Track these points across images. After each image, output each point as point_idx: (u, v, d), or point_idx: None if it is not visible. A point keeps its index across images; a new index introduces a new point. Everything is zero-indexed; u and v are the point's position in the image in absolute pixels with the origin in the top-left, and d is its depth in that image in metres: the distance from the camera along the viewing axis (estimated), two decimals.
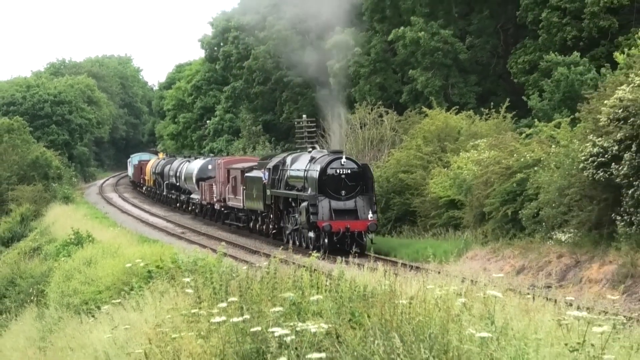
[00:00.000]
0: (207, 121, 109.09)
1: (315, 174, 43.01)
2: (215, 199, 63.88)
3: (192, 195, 74.22)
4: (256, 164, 59.49)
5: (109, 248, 50.92)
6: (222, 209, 62.23)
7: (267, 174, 51.15)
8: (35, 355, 35.22)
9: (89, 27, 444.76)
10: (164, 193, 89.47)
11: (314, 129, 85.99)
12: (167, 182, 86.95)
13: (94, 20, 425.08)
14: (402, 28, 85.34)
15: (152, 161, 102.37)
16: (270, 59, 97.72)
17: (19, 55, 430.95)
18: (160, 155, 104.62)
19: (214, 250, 37.91)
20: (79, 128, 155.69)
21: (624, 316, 15.86)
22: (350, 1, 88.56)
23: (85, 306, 36.80)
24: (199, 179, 68.70)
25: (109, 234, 61.54)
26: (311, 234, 51.56)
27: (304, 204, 43.80)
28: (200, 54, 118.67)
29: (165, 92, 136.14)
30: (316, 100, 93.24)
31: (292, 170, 48.73)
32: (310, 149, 52.88)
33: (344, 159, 43.05)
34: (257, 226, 61.42)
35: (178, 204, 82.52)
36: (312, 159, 45.50)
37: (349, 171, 42.64)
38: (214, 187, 64.18)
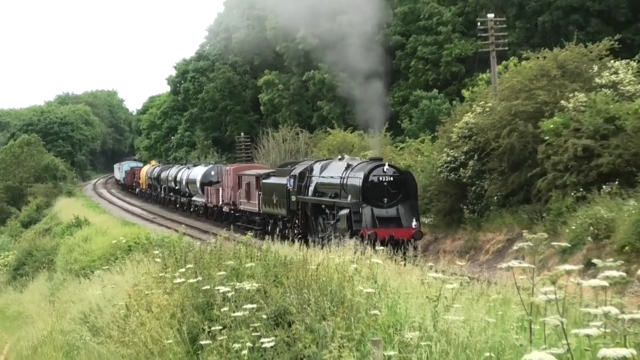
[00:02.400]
0: (172, 137, 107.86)
1: (358, 182, 33.17)
2: (223, 203, 55.63)
3: (194, 198, 65.97)
4: (273, 170, 50.08)
5: (100, 229, 51.24)
6: (232, 211, 53.86)
7: (292, 180, 40.98)
8: (46, 306, 35.34)
9: (86, 66, 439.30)
10: (162, 195, 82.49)
11: (249, 143, 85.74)
12: (164, 185, 79.33)
13: (90, 61, 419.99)
14: (312, 71, 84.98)
15: (146, 168, 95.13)
16: (217, 93, 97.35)
17: (35, 87, 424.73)
18: (153, 162, 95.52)
19: (177, 231, 37.70)
20: (79, 142, 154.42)
21: (468, 277, 16.08)
22: (275, 51, 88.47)
23: (82, 271, 37.62)
24: (203, 184, 60.51)
25: (100, 219, 61.26)
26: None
27: (345, 211, 33.55)
28: (167, 88, 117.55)
29: (141, 116, 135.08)
30: (251, 122, 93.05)
31: (323, 177, 38.60)
32: (340, 157, 42.12)
33: (386, 166, 33.19)
34: (278, 230, 46.53)
35: (178, 205, 74.68)
36: (348, 167, 35.78)
37: (392, 178, 32.73)
38: (221, 191, 56.11)
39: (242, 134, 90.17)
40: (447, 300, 11.14)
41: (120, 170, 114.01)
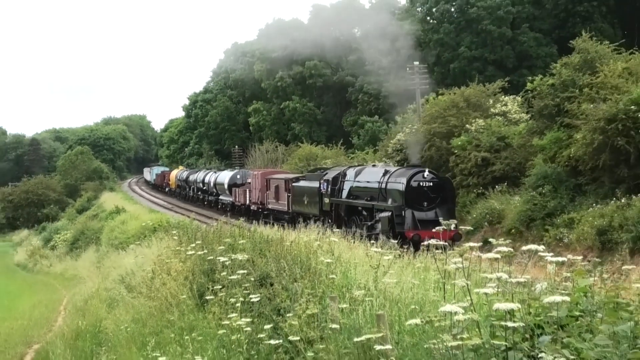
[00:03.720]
0: (186, 149, 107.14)
1: (400, 186, 28.21)
2: (251, 202, 49.77)
3: (221, 197, 60.45)
4: (302, 175, 43.90)
5: (133, 215, 51.29)
6: (260, 209, 47.77)
7: (325, 184, 35.62)
8: (94, 271, 35.49)
9: (124, 96, 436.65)
10: (191, 194, 74.98)
11: (242, 153, 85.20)
12: (193, 186, 73.68)
13: (127, 92, 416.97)
14: (287, 102, 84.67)
15: (175, 171, 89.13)
16: (218, 117, 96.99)
17: (86, 111, 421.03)
18: (180, 167, 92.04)
19: (188, 217, 37.55)
20: (118, 152, 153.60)
21: (399, 251, 15.98)
22: (261, 87, 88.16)
23: (120, 245, 38.01)
24: (230, 186, 55.62)
25: (134, 208, 61.08)
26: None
27: (386, 213, 28.53)
28: (182, 113, 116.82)
29: (164, 133, 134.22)
30: (243, 138, 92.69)
31: (358, 181, 32.96)
32: (374, 164, 37.28)
33: (426, 172, 28.42)
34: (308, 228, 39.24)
35: (205, 203, 67.52)
36: (386, 172, 30.48)
37: (431, 183, 28.00)
38: (248, 192, 50.41)
39: (236, 146, 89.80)
40: (384, 268, 11.13)
41: (150, 173, 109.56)
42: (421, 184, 27.93)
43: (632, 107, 29.73)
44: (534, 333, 5.06)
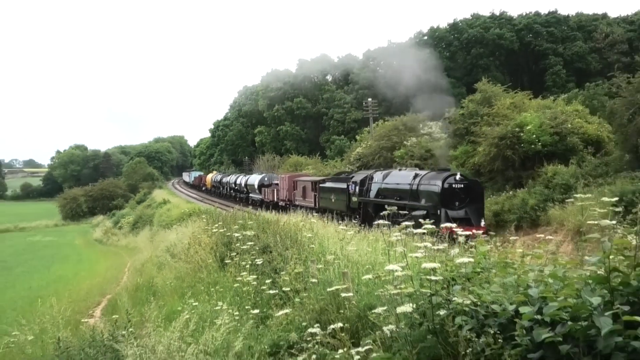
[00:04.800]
0: (211, 159, 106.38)
1: (436, 188, 23.78)
2: (279, 199, 44.53)
3: (251, 195, 54.56)
4: (327, 177, 38.03)
5: (175, 205, 50.62)
6: (287, 205, 40.61)
7: (353, 185, 30.34)
8: (148, 243, 34.98)
9: (168, 121, 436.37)
10: (224, 192, 68.74)
11: (250, 162, 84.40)
12: (226, 187, 67.38)
13: (171, 119, 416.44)
14: (281, 126, 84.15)
15: (211, 175, 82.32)
16: (234, 137, 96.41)
17: (141, 132, 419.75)
18: (214, 172, 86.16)
19: (213, 206, 37.38)
20: (164, 162, 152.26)
21: (359, 227, 15.90)
22: (263, 115, 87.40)
23: (167, 225, 37.06)
24: (260, 186, 50.96)
25: (175, 200, 60.52)
26: None
27: (419, 212, 23.61)
28: (208, 134, 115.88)
29: (196, 148, 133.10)
30: (250, 151, 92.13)
31: (387, 183, 27.74)
32: (400, 168, 30.83)
33: (458, 175, 24.01)
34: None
35: (237, 199, 59.97)
36: (417, 175, 25.69)
37: (462, 185, 23.44)
38: (276, 191, 45.90)
39: (246, 157, 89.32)
40: (347, 239, 11.12)
41: (189, 176, 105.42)
42: (453, 185, 23.82)
43: (516, 129, 30.12)
44: (450, 284, 5.07)
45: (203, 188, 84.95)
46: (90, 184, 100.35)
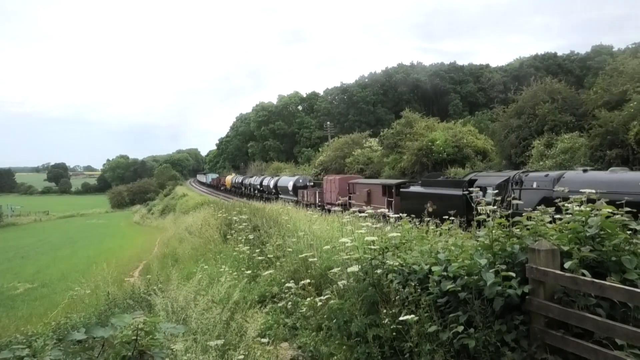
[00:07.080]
0: (217, 164, 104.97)
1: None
2: (324, 202, 29.25)
3: (281, 196, 37.31)
4: (411, 182, 22.18)
5: (192, 197, 49.56)
6: (341, 210, 15.95)
7: (482, 192, 8.26)
8: (173, 224, 34.35)
9: (186, 138, 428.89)
10: (246, 193, 51.00)
11: (245, 167, 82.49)
12: (249, 187, 50.82)
13: (188, 136, 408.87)
14: (266, 142, 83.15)
15: (230, 177, 66.71)
16: (234, 149, 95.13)
17: (165, 145, 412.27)
18: (233, 174, 70.78)
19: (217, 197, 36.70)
20: (184, 167, 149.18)
21: (321, 212, 15.68)
22: (254, 135, 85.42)
23: (185, 212, 36.19)
24: (296, 188, 36.16)
25: (192, 193, 59.44)
26: None
27: None
28: (214, 147, 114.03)
29: (206, 157, 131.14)
30: (245, 159, 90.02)
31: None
32: (584, 169, 12.40)
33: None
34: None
35: (263, 200, 38.43)
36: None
37: None
38: (317, 193, 31.39)
39: (242, 164, 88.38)
40: (313, 220, 11.05)
41: (206, 177, 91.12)
42: None
43: (429, 143, 30.41)
44: (384, 251, 5.07)
45: (222, 188, 71.28)
46: (131, 183, 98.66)
